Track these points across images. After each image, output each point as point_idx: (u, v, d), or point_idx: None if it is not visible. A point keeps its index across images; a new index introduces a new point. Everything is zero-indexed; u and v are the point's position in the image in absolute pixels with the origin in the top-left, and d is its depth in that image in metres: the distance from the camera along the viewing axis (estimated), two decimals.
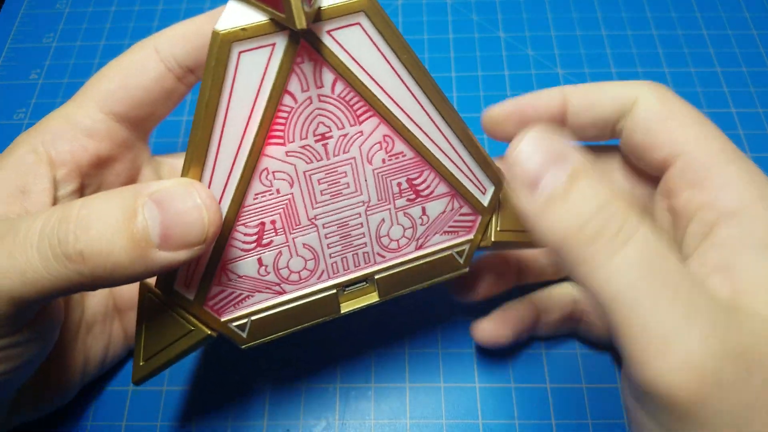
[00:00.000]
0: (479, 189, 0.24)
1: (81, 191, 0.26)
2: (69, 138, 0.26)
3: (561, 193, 0.18)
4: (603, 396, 0.30)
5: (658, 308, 0.17)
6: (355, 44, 0.20)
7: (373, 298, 0.25)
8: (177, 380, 0.31)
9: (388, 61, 0.20)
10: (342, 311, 0.25)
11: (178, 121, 0.31)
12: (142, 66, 0.27)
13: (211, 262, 0.22)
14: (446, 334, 0.32)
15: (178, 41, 0.27)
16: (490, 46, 0.43)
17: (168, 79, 0.27)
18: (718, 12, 0.43)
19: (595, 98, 0.26)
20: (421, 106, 0.22)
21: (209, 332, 0.23)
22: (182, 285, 0.22)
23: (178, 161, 0.32)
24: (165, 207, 0.19)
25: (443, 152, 0.23)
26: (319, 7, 0.19)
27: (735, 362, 0.16)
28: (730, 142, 0.23)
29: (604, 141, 0.27)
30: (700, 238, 0.22)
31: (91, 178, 0.27)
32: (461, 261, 0.26)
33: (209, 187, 0.20)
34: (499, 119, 0.27)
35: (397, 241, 0.25)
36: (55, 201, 0.25)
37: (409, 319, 0.32)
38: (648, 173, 0.26)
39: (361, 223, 0.24)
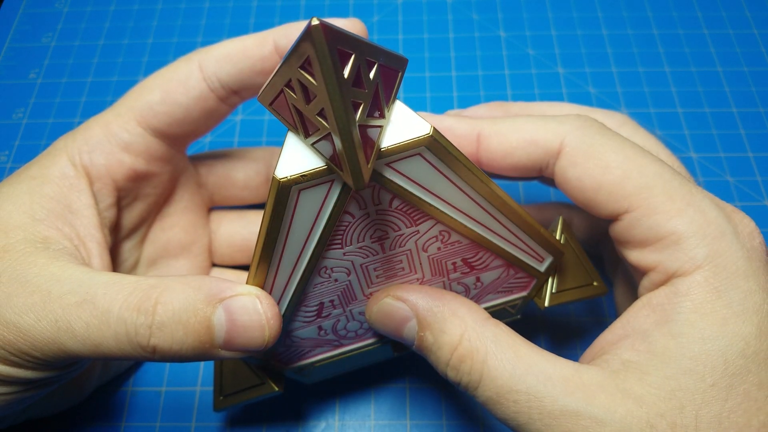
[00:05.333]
0: (537, 259, 0.24)
1: (117, 204, 0.27)
2: (106, 151, 0.26)
3: (422, 345, 0.22)
4: None
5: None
6: (415, 170, 0.19)
7: None
8: (176, 381, 0.31)
9: (448, 178, 0.20)
10: (395, 353, 0.26)
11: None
12: (185, 83, 0.26)
13: None
14: None
15: (223, 62, 0.26)
16: (490, 46, 0.43)
17: (209, 100, 0.27)
18: (719, 11, 0.43)
19: (510, 146, 0.23)
20: (480, 206, 0.21)
21: (276, 389, 0.25)
22: None
23: (215, 165, 0.32)
24: (233, 318, 0.20)
25: (501, 237, 0.22)
26: (380, 149, 0.18)
27: None
28: (676, 179, 0.21)
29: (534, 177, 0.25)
30: (646, 292, 0.22)
31: (127, 191, 0.27)
32: (513, 311, 0.26)
33: (272, 287, 0.21)
34: None
35: None
36: (100, 216, 0.25)
37: None
38: None
39: None
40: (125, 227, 0.28)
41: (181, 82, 0.26)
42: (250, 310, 0.20)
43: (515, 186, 0.37)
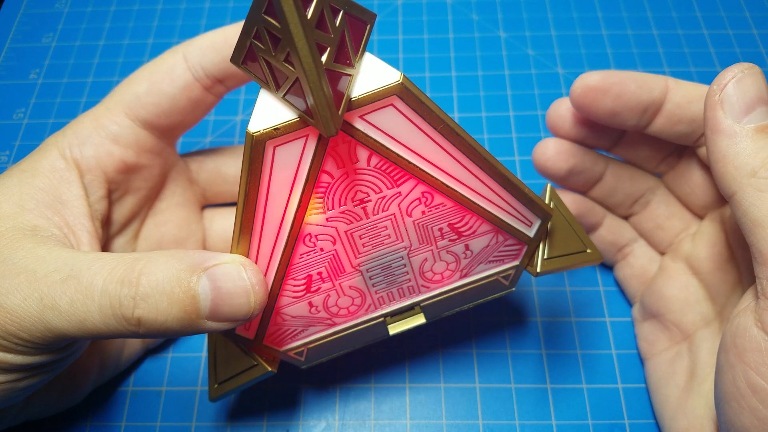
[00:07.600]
0: (525, 223, 0.24)
1: (108, 196, 0.27)
2: (95, 144, 0.26)
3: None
4: (603, 396, 0.30)
5: None
6: (389, 123, 0.19)
7: (420, 319, 0.26)
8: (176, 381, 0.31)
9: (424, 132, 0.20)
10: (390, 333, 0.26)
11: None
12: (170, 74, 0.27)
13: (265, 312, 0.23)
14: (446, 335, 0.32)
15: (207, 51, 0.26)
16: (490, 46, 0.43)
17: (195, 89, 0.27)
18: (719, 11, 0.43)
19: (697, 96, 0.25)
20: (460, 164, 0.21)
21: (270, 369, 0.25)
22: (242, 329, 0.23)
23: (206, 161, 0.32)
24: (217, 285, 0.20)
25: (485, 198, 0.22)
26: (350, 99, 0.18)
27: None
28: None
29: (687, 143, 0.27)
30: None
31: (117, 184, 0.27)
32: (507, 283, 0.26)
33: (257, 257, 0.21)
34: (600, 89, 0.26)
35: (441, 273, 0.25)
36: (90, 207, 0.25)
37: None
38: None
39: (404, 264, 0.24)
40: (117, 221, 0.28)
41: (166, 73, 0.26)
42: (234, 276, 0.20)
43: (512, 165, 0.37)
